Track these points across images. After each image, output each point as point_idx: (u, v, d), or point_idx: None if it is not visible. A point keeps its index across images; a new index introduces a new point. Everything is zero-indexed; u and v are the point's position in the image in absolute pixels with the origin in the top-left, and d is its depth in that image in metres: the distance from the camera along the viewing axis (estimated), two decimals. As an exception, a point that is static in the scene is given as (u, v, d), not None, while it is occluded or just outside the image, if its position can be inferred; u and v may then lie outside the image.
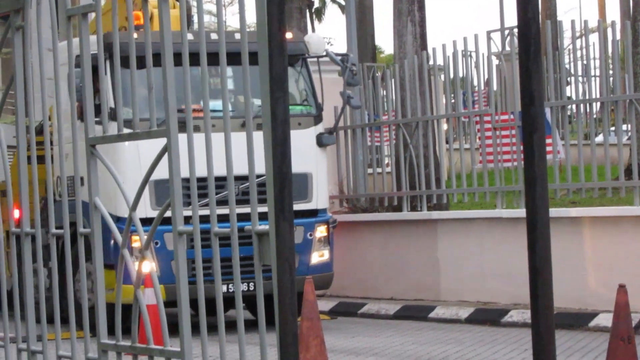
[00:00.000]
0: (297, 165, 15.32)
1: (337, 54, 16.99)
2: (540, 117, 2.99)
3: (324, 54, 17.12)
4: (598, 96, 17.53)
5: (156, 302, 5.15)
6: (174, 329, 5.10)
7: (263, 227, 4.79)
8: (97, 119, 15.84)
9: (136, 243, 13.76)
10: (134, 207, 5.28)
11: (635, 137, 16.89)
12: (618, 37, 17.19)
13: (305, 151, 16.14)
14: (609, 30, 17.39)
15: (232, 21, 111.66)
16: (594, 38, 19.25)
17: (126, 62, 5.47)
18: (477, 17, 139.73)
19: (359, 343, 14.69)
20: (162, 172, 16.50)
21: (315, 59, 17.80)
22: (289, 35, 16.47)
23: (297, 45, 16.69)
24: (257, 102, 15.64)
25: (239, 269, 5.07)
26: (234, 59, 16.05)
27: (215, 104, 15.53)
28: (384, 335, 15.43)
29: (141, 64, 15.26)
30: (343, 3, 58.73)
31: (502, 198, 17.84)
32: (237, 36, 16.09)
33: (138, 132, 5.25)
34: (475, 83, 18.09)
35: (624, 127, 18.55)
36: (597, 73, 18.13)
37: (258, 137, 16.62)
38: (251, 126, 4.92)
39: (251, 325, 11.67)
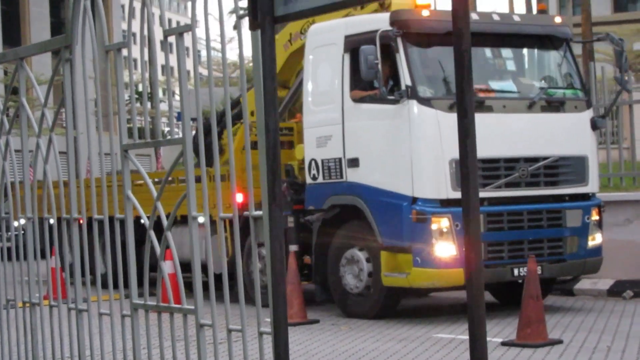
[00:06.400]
0: (575, 148, 12.63)
1: (618, 39, 12.95)
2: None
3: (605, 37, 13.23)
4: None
5: (174, 271, 4.94)
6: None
7: (258, 212, 4.33)
8: (392, 96, 12.14)
9: (435, 225, 11.58)
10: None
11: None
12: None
13: (581, 134, 12.72)
14: None
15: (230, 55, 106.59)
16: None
17: (419, 40, 4.09)
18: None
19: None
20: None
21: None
22: (558, 19, 13.46)
23: (563, 29, 13.06)
24: (537, 84, 12.79)
25: (255, 248, 4.49)
26: (514, 41, 12.91)
27: (503, 84, 12.76)
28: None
29: (432, 42, 11.71)
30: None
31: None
32: (516, 18, 13.02)
33: (160, 140, 5.07)
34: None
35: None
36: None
37: (541, 119, 12.69)
38: (248, 127, 4.47)
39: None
